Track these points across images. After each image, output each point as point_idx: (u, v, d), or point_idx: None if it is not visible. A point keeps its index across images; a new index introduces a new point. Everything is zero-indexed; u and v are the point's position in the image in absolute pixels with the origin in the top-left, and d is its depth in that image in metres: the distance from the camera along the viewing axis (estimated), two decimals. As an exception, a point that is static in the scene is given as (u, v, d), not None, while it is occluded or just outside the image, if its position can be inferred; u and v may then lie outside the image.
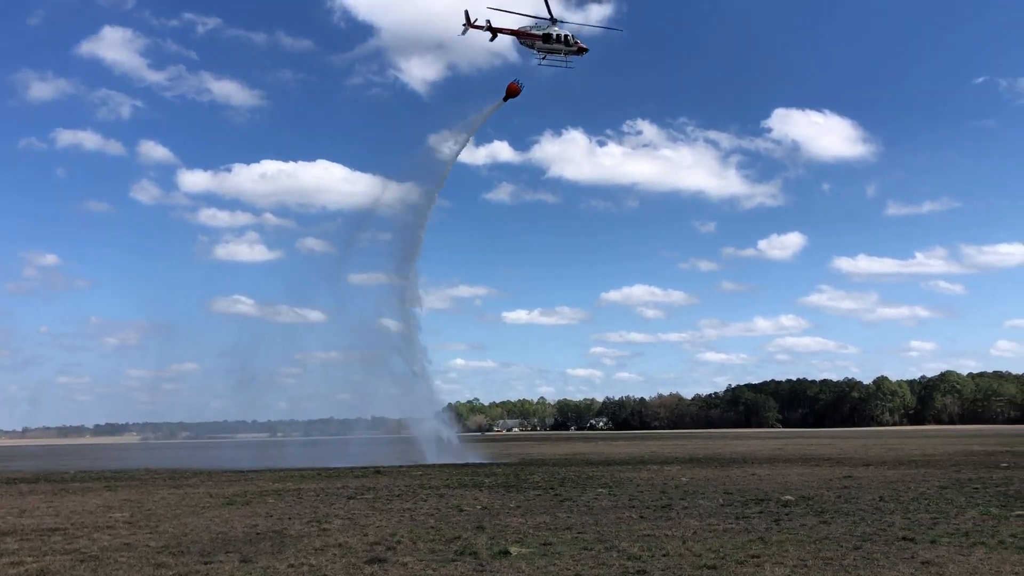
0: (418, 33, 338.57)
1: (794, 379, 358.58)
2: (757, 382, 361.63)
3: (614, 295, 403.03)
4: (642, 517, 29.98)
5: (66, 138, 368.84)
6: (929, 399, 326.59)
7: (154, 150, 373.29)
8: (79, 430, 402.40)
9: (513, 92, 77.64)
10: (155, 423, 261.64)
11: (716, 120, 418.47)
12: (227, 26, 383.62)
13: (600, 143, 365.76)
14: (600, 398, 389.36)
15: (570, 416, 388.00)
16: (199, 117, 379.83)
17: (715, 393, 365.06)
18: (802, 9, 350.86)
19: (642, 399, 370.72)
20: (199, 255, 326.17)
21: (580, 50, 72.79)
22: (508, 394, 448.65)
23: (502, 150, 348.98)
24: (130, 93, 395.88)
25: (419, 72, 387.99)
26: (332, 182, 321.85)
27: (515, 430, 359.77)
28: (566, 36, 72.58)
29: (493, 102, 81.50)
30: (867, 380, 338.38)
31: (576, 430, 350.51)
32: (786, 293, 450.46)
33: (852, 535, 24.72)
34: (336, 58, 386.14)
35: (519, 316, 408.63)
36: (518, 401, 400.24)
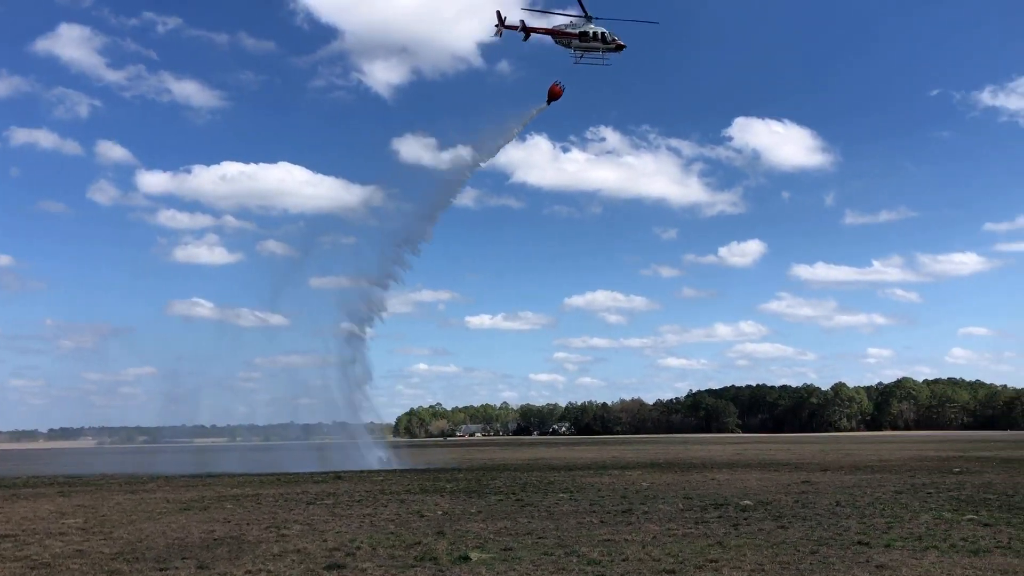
0: (382, 36, 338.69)
1: (754, 385, 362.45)
2: (717, 387, 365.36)
3: (577, 300, 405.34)
4: (603, 522, 30.10)
5: (21, 137, 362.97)
6: (886, 405, 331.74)
7: (112, 150, 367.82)
8: (32, 434, 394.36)
9: (556, 94, 75.15)
10: (112, 427, 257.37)
11: (678, 128, 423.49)
12: (188, 26, 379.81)
13: (564, 149, 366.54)
14: (563, 403, 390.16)
15: (533, 421, 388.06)
16: (159, 117, 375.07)
17: (676, 398, 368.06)
18: (763, 20, 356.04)
19: (604, 404, 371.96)
20: (158, 257, 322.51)
21: (618, 47, 70.57)
22: (471, 399, 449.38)
23: (466, 155, 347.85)
24: (88, 92, 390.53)
25: (383, 75, 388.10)
26: (294, 184, 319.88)
27: (478, 435, 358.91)
28: (603, 33, 70.38)
29: (531, 106, 79.04)
30: (825, 386, 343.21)
31: (539, 435, 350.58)
32: (746, 300, 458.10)
33: (809, 539, 25.04)
34: (299, 60, 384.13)
35: (483, 321, 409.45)
36: (481, 406, 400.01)
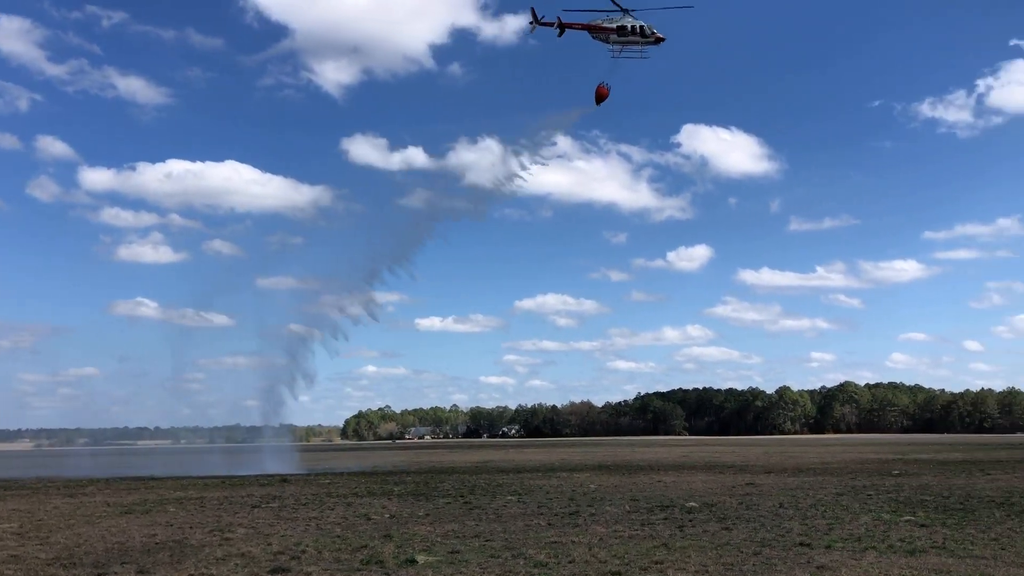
0: (333, 36, 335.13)
1: (700, 388, 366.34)
2: (665, 390, 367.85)
3: (527, 303, 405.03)
4: (550, 524, 30.20)
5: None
6: (828, 408, 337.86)
7: (53, 145, 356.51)
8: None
9: (603, 95, 74.16)
10: (50, 429, 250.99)
11: (628, 134, 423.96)
12: (134, 21, 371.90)
13: (515, 152, 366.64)
14: (513, 406, 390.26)
15: (483, 423, 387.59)
16: (102, 113, 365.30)
17: (625, 401, 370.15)
18: (710, 29, 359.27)
19: (554, 407, 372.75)
20: (100, 256, 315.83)
21: (657, 40, 69.65)
22: (421, 401, 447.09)
23: (416, 156, 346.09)
24: (28, 86, 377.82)
25: (333, 75, 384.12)
26: (241, 183, 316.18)
27: (427, 437, 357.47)
28: (642, 27, 68.77)
29: (568, 109, 79.12)
30: (770, 389, 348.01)
31: (488, 437, 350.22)
32: (693, 304, 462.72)
33: (752, 541, 25.42)
34: (248, 58, 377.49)
35: (432, 323, 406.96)
36: (431, 408, 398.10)
